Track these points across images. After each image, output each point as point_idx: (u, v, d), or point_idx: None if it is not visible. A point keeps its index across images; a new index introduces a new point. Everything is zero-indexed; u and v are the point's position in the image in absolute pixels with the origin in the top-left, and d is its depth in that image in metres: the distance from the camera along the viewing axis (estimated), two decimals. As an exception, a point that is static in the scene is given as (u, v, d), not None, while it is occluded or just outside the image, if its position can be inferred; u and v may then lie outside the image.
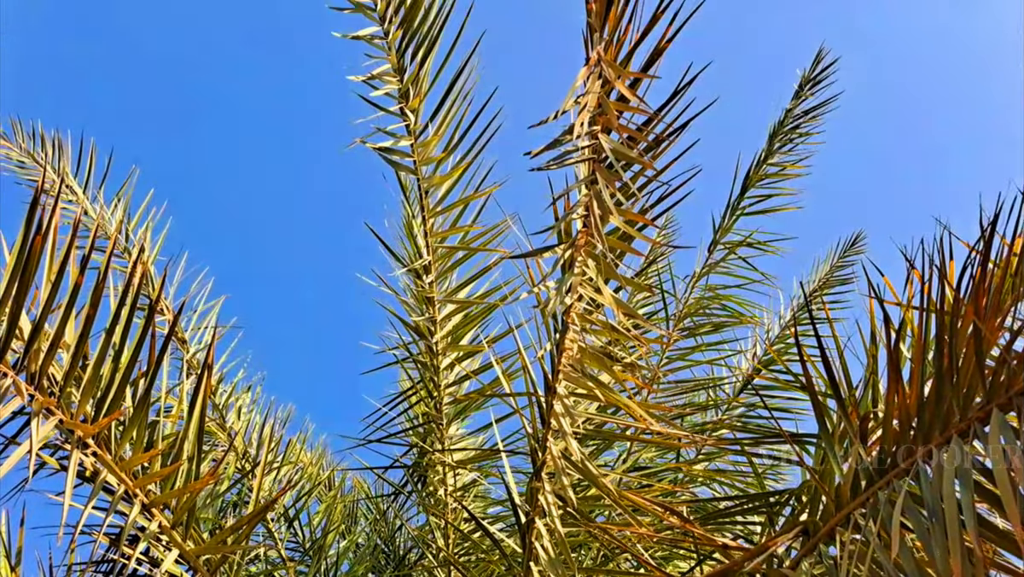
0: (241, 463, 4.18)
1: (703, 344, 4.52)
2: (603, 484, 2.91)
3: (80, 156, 4.21)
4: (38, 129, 4.24)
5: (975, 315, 1.83)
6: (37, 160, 4.17)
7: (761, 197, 4.76)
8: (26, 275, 2.17)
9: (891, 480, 2.03)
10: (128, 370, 2.38)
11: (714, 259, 4.77)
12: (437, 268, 3.81)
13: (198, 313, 4.21)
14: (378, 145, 3.64)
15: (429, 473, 4.15)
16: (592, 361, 2.81)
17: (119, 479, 2.35)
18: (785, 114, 4.87)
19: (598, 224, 2.43)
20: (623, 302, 2.62)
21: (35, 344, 2.20)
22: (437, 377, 3.89)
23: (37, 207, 2.23)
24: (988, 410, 1.79)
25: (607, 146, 2.28)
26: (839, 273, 5.01)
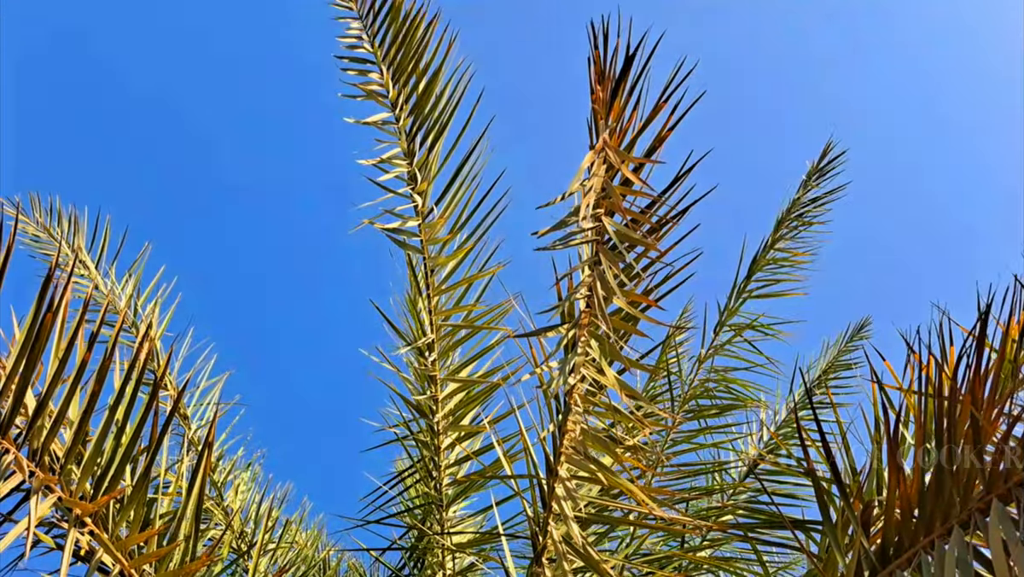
0: (237, 543, 4.12)
1: (708, 427, 4.50)
2: (605, 570, 2.86)
3: (96, 231, 4.30)
4: (55, 204, 4.35)
5: (972, 405, 1.85)
6: (53, 235, 4.26)
7: (768, 281, 4.81)
8: (35, 352, 2.21)
9: (893, 571, 2.01)
10: (129, 448, 2.39)
11: (720, 341, 4.79)
12: (440, 346, 3.84)
13: (201, 389, 4.23)
14: (386, 226, 3.72)
15: (427, 556, 4.08)
16: (595, 444, 2.80)
17: (115, 559, 2.33)
18: (792, 203, 4.97)
19: (601, 305, 2.46)
20: (627, 384, 2.63)
21: (39, 421, 2.22)
22: (438, 457, 3.87)
23: (50, 285, 2.28)
24: (988, 501, 1.79)
25: (611, 228, 2.33)
26: (845, 358, 5.02)
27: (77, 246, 4.18)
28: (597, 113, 2.56)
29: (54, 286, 2.26)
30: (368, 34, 4.13)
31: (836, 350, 5.10)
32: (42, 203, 4.35)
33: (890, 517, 2.05)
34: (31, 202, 4.35)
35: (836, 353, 5.08)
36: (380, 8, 4.08)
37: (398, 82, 3.96)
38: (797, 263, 4.72)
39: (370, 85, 3.99)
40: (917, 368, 2.13)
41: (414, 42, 3.97)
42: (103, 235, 4.27)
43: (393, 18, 4.03)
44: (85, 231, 4.31)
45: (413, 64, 3.95)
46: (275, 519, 4.35)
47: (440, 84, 3.92)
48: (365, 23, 4.14)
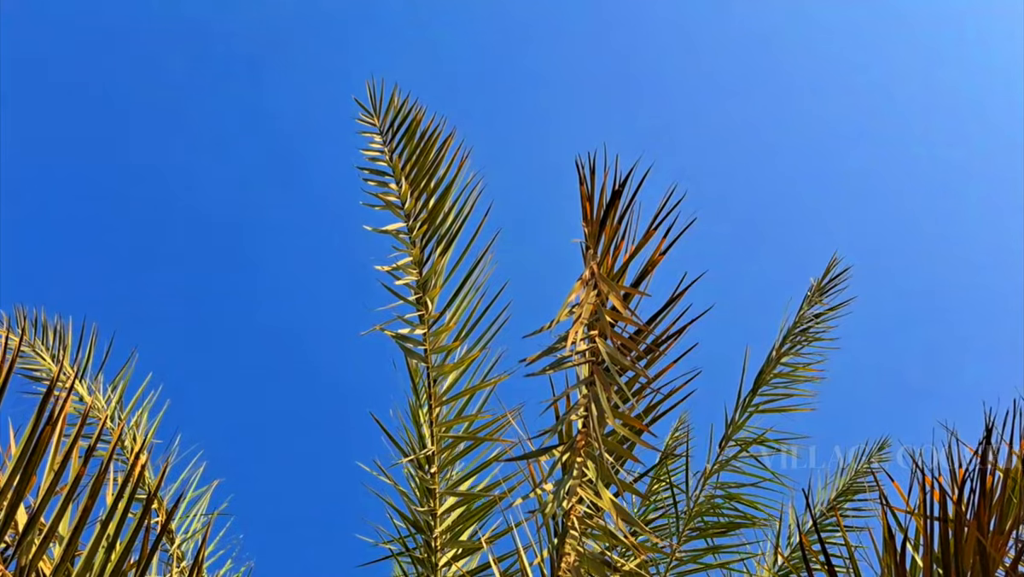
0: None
1: (715, 547, 4.37)
2: None
3: (81, 341, 4.33)
4: (40, 317, 4.40)
5: (978, 531, 1.81)
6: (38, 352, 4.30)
7: (774, 396, 4.77)
8: (30, 466, 2.20)
9: None
10: (118, 566, 2.34)
11: (725, 456, 4.71)
12: (440, 459, 3.80)
13: (187, 500, 4.16)
14: (396, 332, 3.76)
15: None
16: (592, 568, 2.74)
17: None
18: (796, 318, 4.99)
19: (596, 427, 2.45)
20: (623, 508, 2.59)
21: (28, 536, 2.19)
22: (434, 575, 3.76)
23: (49, 399, 2.29)
24: (995, 637, 1.73)
25: (604, 351, 2.35)
26: (861, 480, 4.92)
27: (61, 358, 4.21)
28: (588, 239, 2.62)
29: (53, 401, 2.27)
30: (387, 148, 4.30)
31: (853, 471, 5.00)
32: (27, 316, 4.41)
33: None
34: (16, 315, 4.41)
35: (852, 474, 4.98)
36: (399, 126, 4.26)
37: (413, 194, 4.09)
38: (802, 379, 4.69)
39: (389, 196, 4.12)
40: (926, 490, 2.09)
41: (428, 159, 4.12)
42: (88, 345, 4.30)
43: (410, 136, 4.20)
44: (70, 343, 4.34)
45: (427, 180, 4.09)
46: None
47: (451, 198, 4.04)
48: (385, 138, 4.33)
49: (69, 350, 4.31)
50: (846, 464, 5.05)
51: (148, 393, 4.38)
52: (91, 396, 4.19)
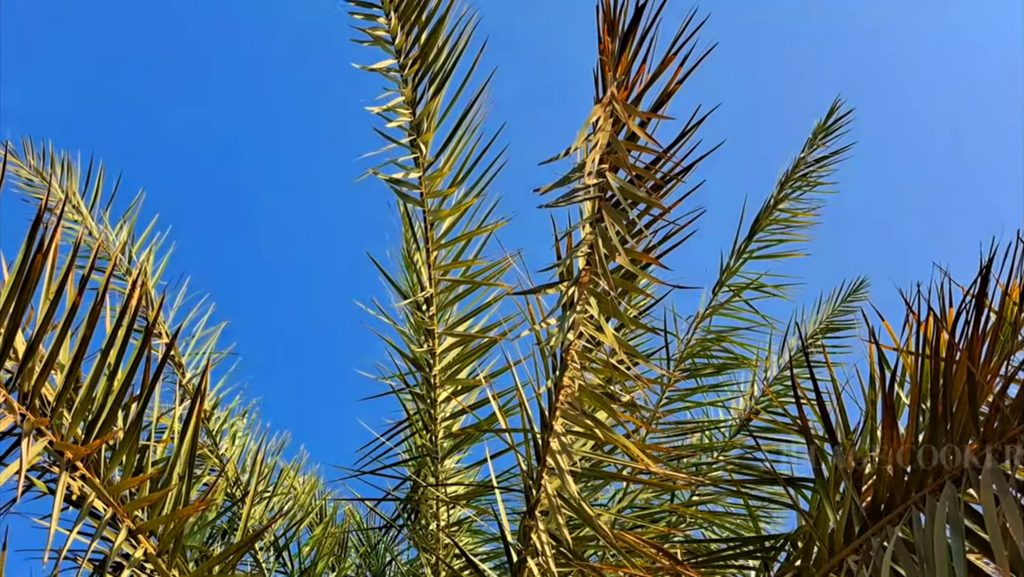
0: (232, 490, 4.15)
1: (703, 386, 4.50)
2: (598, 524, 2.87)
3: (88, 177, 4.24)
4: (48, 149, 4.29)
5: (969, 362, 1.83)
6: (46, 179, 4.21)
7: (769, 242, 4.77)
8: (24, 294, 2.18)
9: (884, 526, 2.01)
10: (121, 393, 2.37)
11: (718, 301, 4.77)
12: (438, 301, 3.82)
13: (196, 338, 4.21)
14: (389, 176, 3.68)
15: (422, 507, 4.11)
16: (591, 400, 2.80)
17: (106, 503, 2.33)
18: (796, 163, 4.91)
19: (602, 262, 2.43)
20: (624, 341, 2.62)
21: (29, 364, 2.20)
22: (434, 410, 3.87)
23: (40, 225, 2.24)
24: (981, 456, 1.78)
25: (615, 184, 2.29)
26: (839, 318, 5.00)
27: (70, 191, 4.13)
28: (605, 65, 2.50)
29: (44, 227, 2.23)
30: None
31: (831, 308, 5.08)
32: (35, 147, 4.29)
33: (883, 473, 2.04)
34: (23, 146, 4.29)
35: (831, 311, 5.06)
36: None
37: (404, 28, 3.88)
38: (800, 224, 4.67)
39: (377, 31, 3.92)
40: (915, 327, 2.11)
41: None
42: (96, 181, 4.21)
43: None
44: (78, 177, 4.25)
45: (417, 12, 3.87)
46: (272, 466, 4.37)
47: (444, 33, 3.84)
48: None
49: (76, 183, 4.23)
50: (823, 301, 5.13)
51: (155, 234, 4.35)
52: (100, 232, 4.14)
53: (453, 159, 3.77)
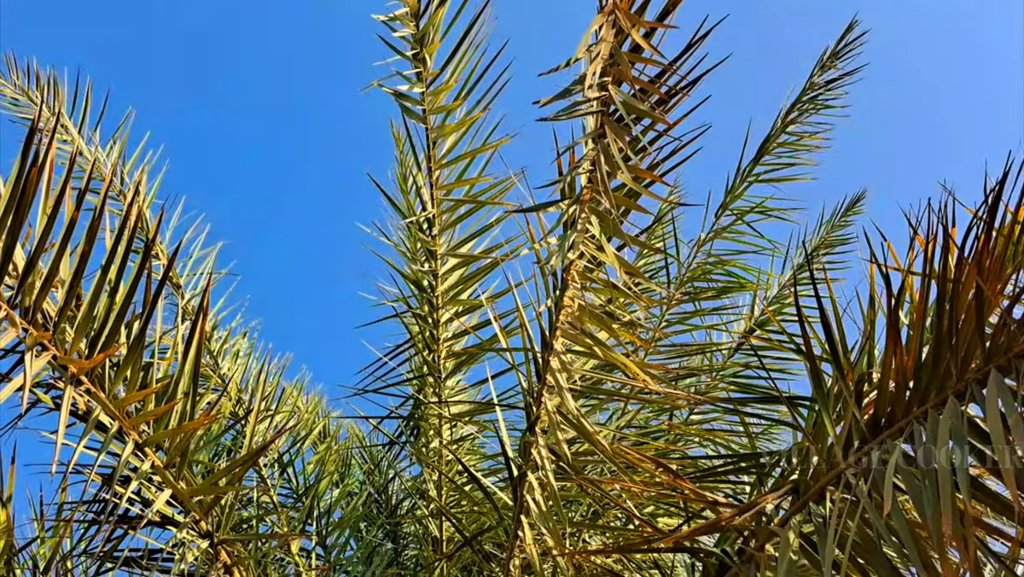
0: (236, 409, 4.19)
1: (703, 309, 4.50)
2: (596, 440, 2.91)
3: (76, 95, 4.14)
4: (33, 66, 4.17)
5: (978, 276, 1.81)
6: (32, 98, 4.11)
7: (775, 165, 4.70)
8: (21, 208, 2.15)
9: (885, 440, 2.03)
10: (123, 309, 2.37)
11: (721, 224, 4.73)
12: (440, 222, 3.79)
13: (194, 259, 4.19)
14: (394, 89, 3.60)
15: (424, 425, 4.16)
16: (591, 319, 2.80)
17: (112, 416, 2.35)
18: (807, 84, 4.80)
19: (604, 179, 2.39)
20: (625, 261, 2.60)
21: (29, 278, 2.19)
22: (436, 331, 3.88)
23: (33, 139, 2.20)
24: (986, 372, 1.78)
25: (617, 99, 2.24)
26: (839, 233, 4.98)
27: (58, 110, 4.03)
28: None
29: (37, 142, 2.18)
30: None
31: (830, 225, 5.04)
32: (18, 65, 4.17)
33: (884, 388, 2.05)
34: (7, 64, 4.17)
35: (831, 228, 5.03)
36: None
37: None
38: (807, 147, 4.59)
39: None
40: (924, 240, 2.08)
41: None
42: (84, 100, 4.10)
43: None
44: (65, 95, 4.14)
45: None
46: (275, 386, 4.41)
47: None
48: None
49: (64, 101, 4.13)
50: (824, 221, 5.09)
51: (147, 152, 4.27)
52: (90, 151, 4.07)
53: (458, 73, 3.68)
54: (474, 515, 3.66)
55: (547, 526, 2.85)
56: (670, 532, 2.69)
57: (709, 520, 2.36)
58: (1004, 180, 1.82)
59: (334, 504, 4.35)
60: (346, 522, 4.22)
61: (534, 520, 2.94)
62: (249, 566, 2.89)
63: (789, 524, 2.25)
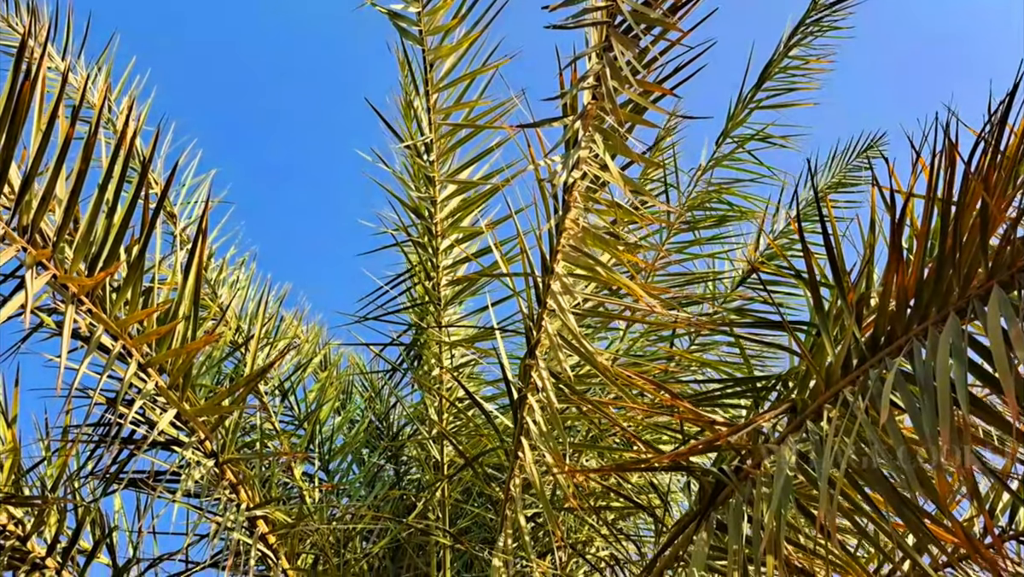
0: (236, 337, 4.21)
1: (704, 238, 4.49)
2: (596, 361, 2.93)
3: (56, 21, 4.02)
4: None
5: (984, 191, 1.80)
6: (13, 26, 4.00)
7: (778, 90, 4.61)
8: (15, 124, 2.11)
9: (884, 358, 2.04)
10: (121, 230, 2.35)
11: (722, 152, 4.67)
12: (439, 147, 3.74)
13: (187, 187, 4.15)
14: (389, 8, 3.51)
15: (425, 353, 4.19)
16: (593, 241, 2.79)
17: (115, 336, 2.36)
18: (812, 4, 4.67)
19: (611, 93, 2.35)
20: (630, 179, 2.57)
21: (26, 196, 2.16)
22: (436, 259, 3.87)
23: (23, 57, 2.15)
24: (988, 287, 1.78)
25: (625, 7, 2.18)
26: (852, 174, 4.92)
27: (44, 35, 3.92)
28: None
29: (28, 55, 2.13)
30: None
31: (843, 163, 4.98)
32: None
33: (885, 306, 2.05)
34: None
35: (843, 166, 4.97)
36: None
37: None
38: (811, 71, 4.50)
39: None
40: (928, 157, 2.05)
41: None
42: (66, 26, 3.98)
43: None
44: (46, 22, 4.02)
45: None
46: (274, 314, 4.42)
47: None
48: None
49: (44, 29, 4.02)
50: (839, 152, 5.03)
51: (134, 79, 4.18)
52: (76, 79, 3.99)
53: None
54: (475, 439, 3.71)
55: (547, 446, 2.89)
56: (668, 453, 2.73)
57: (707, 438, 2.39)
58: (1014, 93, 1.78)
59: (336, 430, 4.40)
60: (348, 448, 4.28)
61: (534, 441, 2.98)
62: (254, 485, 2.94)
63: (786, 442, 2.28)
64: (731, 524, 2.33)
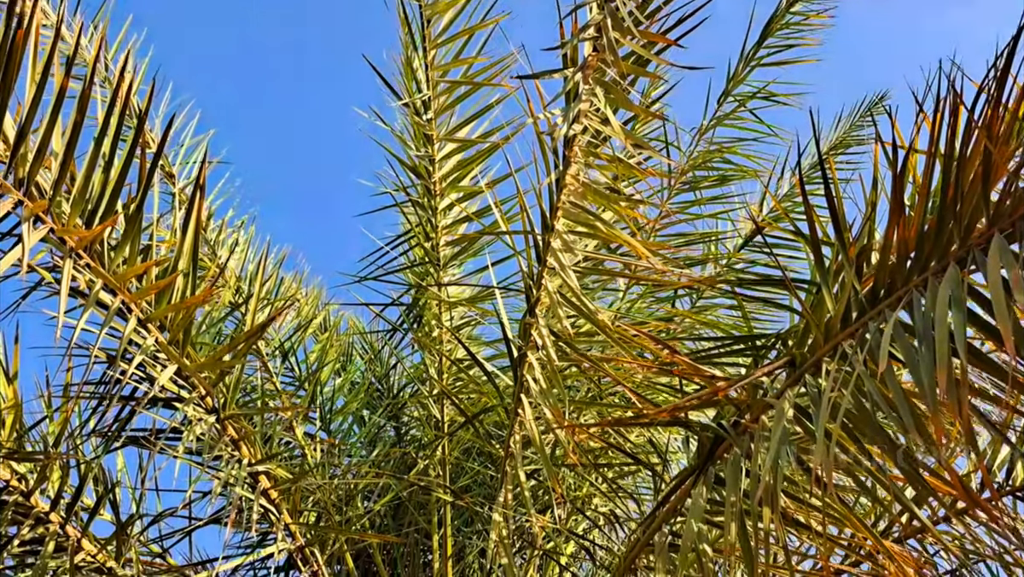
0: (235, 298, 4.21)
1: (705, 198, 4.46)
2: (596, 318, 2.94)
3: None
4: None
5: (987, 140, 1.78)
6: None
7: (779, 47, 4.56)
8: (8, 74, 2.09)
9: (883, 310, 2.03)
10: (118, 184, 2.34)
11: (724, 111, 4.64)
12: (437, 105, 3.71)
13: (185, 147, 4.13)
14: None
15: (425, 314, 4.19)
16: (594, 196, 2.77)
17: (113, 289, 2.35)
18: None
19: (612, 45, 2.31)
20: (631, 133, 2.55)
21: (22, 148, 2.15)
22: (435, 218, 3.86)
23: (15, 6, 2.12)
24: (989, 236, 1.77)
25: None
26: (855, 134, 4.88)
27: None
28: None
29: (20, 9, 2.10)
30: None
31: (848, 124, 4.93)
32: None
33: (885, 259, 2.05)
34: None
35: (848, 127, 4.93)
36: None
37: None
38: (814, 26, 4.44)
39: None
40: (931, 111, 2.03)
41: None
42: None
43: None
44: None
45: None
46: (273, 276, 4.42)
47: None
48: None
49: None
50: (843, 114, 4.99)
51: (131, 37, 4.13)
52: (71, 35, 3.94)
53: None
54: (475, 396, 3.73)
55: (547, 403, 2.90)
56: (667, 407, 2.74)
57: (706, 390, 2.40)
58: (1018, 35, 1.76)
59: (336, 392, 4.42)
60: (348, 408, 4.30)
61: (534, 398, 2.99)
62: (255, 442, 2.96)
63: (785, 396, 2.28)
64: (729, 478, 2.34)
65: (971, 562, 3.24)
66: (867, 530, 2.32)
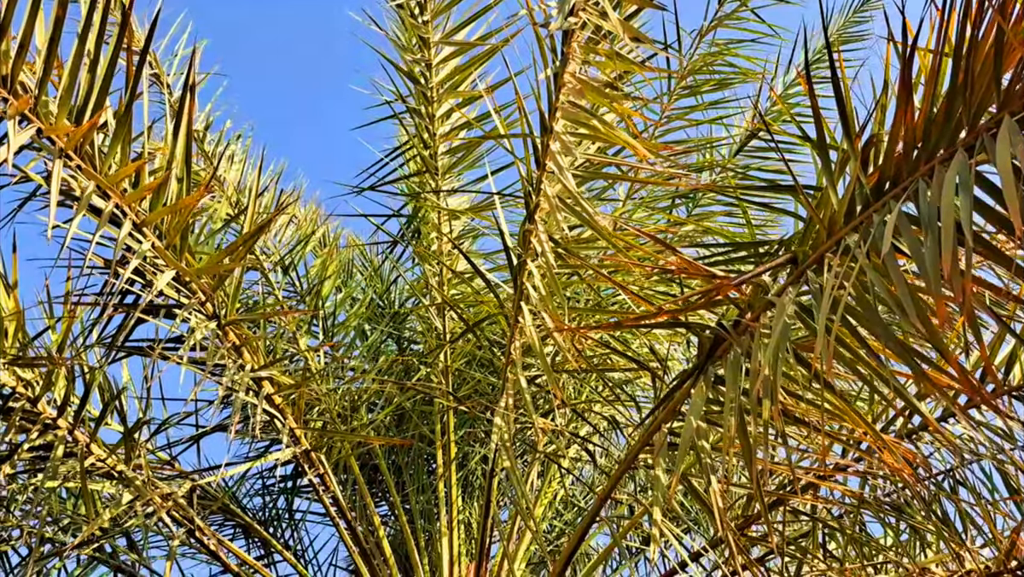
0: (233, 211, 4.18)
1: (706, 103, 4.37)
2: (596, 223, 2.90)
3: None
4: None
5: (1000, 18, 1.71)
6: None
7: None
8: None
9: (888, 202, 2.00)
10: (106, 82, 2.28)
11: (724, 12, 4.50)
12: (434, 6, 3.59)
13: (179, 57, 4.03)
14: None
15: (424, 227, 4.16)
16: (594, 95, 2.71)
17: (106, 190, 2.32)
18: None
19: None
20: (631, 26, 2.47)
21: (3, 44, 2.08)
22: (432, 126, 3.79)
23: None
24: (998, 120, 1.72)
25: None
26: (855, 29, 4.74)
27: None
28: None
29: None
30: None
31: (842, 19, 4.79)
32: None
33: (892, 149, 2.00)
34: None
35: (843, 22, 4.78)
36: None
37: None
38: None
39: None
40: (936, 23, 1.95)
41: None
42: None
43: None
44: None
45: None
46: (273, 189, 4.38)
47: None
48: None
49: None
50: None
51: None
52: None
53: None
54: (477, 306, 3.73)
55: (547, 309, 2.90)
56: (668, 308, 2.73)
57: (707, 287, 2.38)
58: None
59: (338, 306, 4.43)
60: (350, 322, 4.32)
61: (534, 306, 2.98)
62: (258, 349, 2.97)
63: (786, 293, 2.27)
64: (728, 376, 2.34)
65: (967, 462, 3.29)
66: (865, 424, 2.33)
